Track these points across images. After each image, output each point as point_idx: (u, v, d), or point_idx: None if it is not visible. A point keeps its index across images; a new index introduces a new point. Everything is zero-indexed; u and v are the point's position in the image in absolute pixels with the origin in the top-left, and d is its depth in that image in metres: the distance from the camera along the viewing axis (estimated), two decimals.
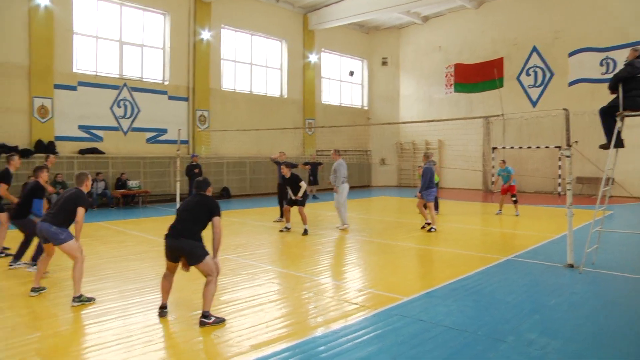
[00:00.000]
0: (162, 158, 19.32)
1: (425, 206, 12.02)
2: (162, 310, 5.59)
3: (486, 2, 24.86)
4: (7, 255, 8.91)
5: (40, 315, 5.68)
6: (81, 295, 6.09)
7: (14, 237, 8.74)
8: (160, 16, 19.82)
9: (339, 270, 8.31)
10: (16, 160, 9.24)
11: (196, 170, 16.77)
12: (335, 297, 6.34)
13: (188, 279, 6.92)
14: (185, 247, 5.35)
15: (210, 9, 20.85)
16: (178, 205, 15.97)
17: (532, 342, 4.76)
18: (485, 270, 7.81)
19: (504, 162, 15.33)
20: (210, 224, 5.50)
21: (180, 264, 5.54)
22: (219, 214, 5.50)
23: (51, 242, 6.25)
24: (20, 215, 7.79)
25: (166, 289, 5.61)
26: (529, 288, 6.80)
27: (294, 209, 11.83)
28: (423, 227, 12.06)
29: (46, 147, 15.83)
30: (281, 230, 11.80)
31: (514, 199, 14.74)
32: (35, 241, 7.51)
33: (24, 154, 15.61)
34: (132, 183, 17.85)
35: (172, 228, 5.47)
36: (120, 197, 17.59)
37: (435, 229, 11.67)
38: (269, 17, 23.54)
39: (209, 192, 5.74)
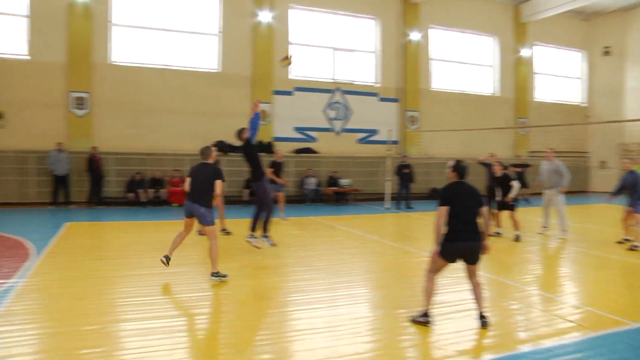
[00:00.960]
0: (372, 158, 20.08)
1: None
2: (428, 319, 5.28)
3: None
4: (227, 233, 10.58)
5: (261, 295, 6.49)
6: (218, 272, 6.81)
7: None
8: (370, 21, 20.65)
9: (552, 282, 7.79)
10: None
11: (406, 170, 16.96)
12: (547, 311, 5.95)
13: (398, 276, 7.21)
14: (477, 248, 5.24)
15: (418, 9, 21.00)
16: (387, 204, 16.76)
17: None
18: None
19: None
20: None
21: None
22: (484, 203, 5.39)
23: (198, 220, 6.95)
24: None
25: (432, 292, 5.34)
26: None
27: (504, 214, 11.28)
28: (621, 242, 10.32)
29: (266, 147, 17.62)
30: (491, 235, 11.37)
31: None
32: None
33: None
34: (343, 181, 18.95)
35: (464, 231, 5.17)
36: (332, 194, 18.79)
37: (638, 247, 9.73)
38: (478, 13, 22.73)
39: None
